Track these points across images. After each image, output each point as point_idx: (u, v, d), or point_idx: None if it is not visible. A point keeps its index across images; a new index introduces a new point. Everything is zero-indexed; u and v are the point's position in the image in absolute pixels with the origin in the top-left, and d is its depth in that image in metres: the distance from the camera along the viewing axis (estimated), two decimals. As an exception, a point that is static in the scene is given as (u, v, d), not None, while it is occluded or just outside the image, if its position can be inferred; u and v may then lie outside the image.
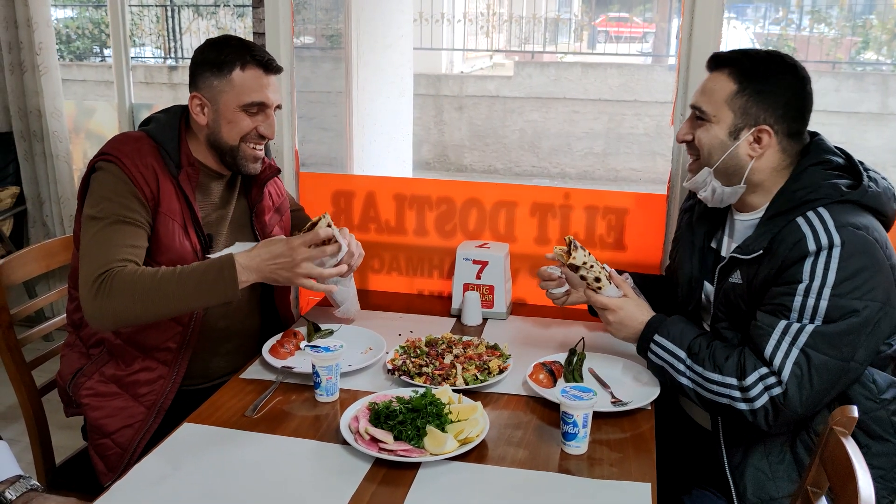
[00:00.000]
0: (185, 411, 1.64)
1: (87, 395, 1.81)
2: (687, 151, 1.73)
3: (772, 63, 1.61)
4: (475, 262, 2.18)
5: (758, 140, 1.60)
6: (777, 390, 1.47)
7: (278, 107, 1.86)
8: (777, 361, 1.48)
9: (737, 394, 1.51)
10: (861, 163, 1.62)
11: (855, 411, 1.27)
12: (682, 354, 1.60)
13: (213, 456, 1.47)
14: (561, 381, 1.75)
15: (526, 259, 2.33)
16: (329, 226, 1.77)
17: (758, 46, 9.12)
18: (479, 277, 2.17)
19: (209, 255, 1.80)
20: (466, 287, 2.18)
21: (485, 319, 2.16)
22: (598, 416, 1.57)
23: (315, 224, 1.78)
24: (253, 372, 1.81)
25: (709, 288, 1.76)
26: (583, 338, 1.95)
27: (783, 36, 8.81)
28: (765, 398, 1.48)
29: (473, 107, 9.25)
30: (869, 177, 1.58)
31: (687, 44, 2.20)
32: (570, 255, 1.72)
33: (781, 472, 1.59)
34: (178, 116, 1.86)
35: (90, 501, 1.33)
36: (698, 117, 1.66)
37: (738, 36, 9.07)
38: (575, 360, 1.80)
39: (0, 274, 1.84)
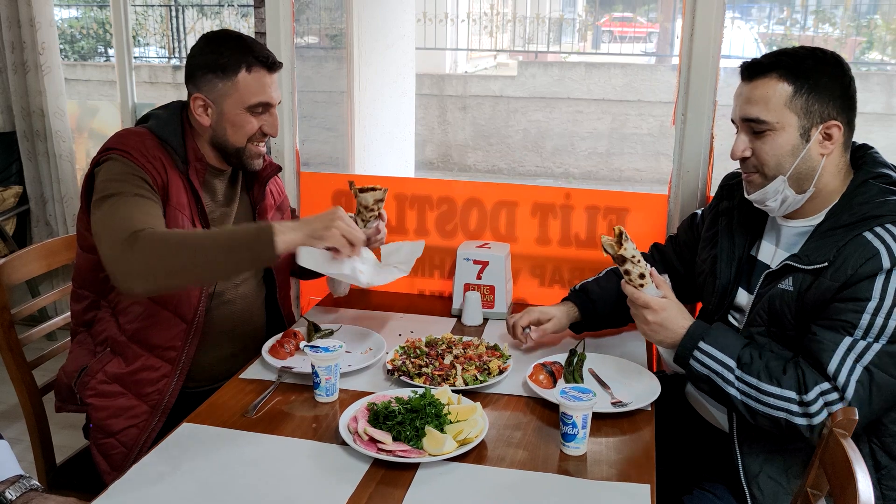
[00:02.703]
0: (190, 412, 1.64)
1: (91, 395, 1.81)
2: (741, 167, 1.65)
3: (814, 57, 1.57)
4: (476, 262, 2.18)
5: (828, 137, 1.55)
6: (839, 406, 1.43)
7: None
8: (841, 379, 1.44)
9: (796, 408, 1.46)
10: None
11: (856, 413, 1.27)
12: (732, 364, 1.53)
13: (212, 456, 1.46)
14: (561, 382, 1.74)
15: (527, 259, 2.33)
16: (380, 200, 1.89)
17: (762, 46, 9.14)
18: (479, 277, 2.17)
19: None
20: (467, 287, 2.18)
21: (485, 319, 2.16)
22: (597, 416, 1.57)
23: (370, 189, 1.88)
24: (252, 372, 1.81)
25: (741, 294, 1.72)
26: (583, 338, 1.94)
27: (787, 36, 8.79)
28: (824, 415, 1.44)
29: (477, 107, 9.25)
30: None
31: (688, 43, 2.19)
32: (622, 245, 1.62)
33: (798, 486, 1.57)
34: (178, 113, 1.85)
35: (90, 501, 1.33)
36: (756, 130, 1.58)
37: (742, 36, 9.05)
38: (575, 360, 1.80)
39: (1, 273, 1.84)
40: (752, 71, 1.59)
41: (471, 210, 2.35)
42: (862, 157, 1.62)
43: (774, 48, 1.66)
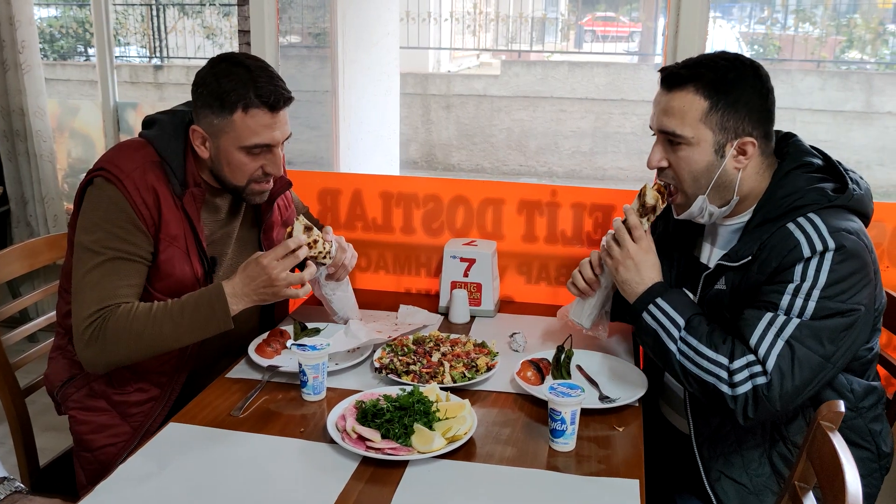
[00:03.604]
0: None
1: (74, 408, 1.78)
2: (659, 176, 1.66)
3: (735, 69, 1.55)
4: (462, 259, 2.17)
5: (742, 152, 1.56)
6: (761, 380, 1.44)
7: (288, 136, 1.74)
8: (762, 351, 1.46)
9: (724, 374, 1.47)
10: (839, 163, 1.61)
11: (842, 406, 1.27)
12: (681, 322, 1.55)
13: (200, 455, 1.45)
14: (549, 379, 1.74)
15: (513, 256, 2.33)
16: (307, 228, 1.74)
17: (743, 45, 9.21)
18: (466, 275, 2.17)
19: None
20: (454, 285, 2.18)
21: (472, 317, 2.16)
22: (585, 412, 1.57)
23: (290, 233, 1.74)
24: (239, 371, 1.79)
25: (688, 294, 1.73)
26: (570, 335, 1.94)
27: (768, 35, 8.85)
28: (748, 386, 1.45)
29: (461, 106, 9.25)
30: (851, 179, 1.57)
31: (672, 42, 2.21)
32: (641, 201, 1.66)
33: (761, 485, 1.59)
34: (183, 127, 1.74)
35: (75, 503, 1.32)
36: (672, 142, 1.59)
37: (723, 35, 9.10)
38: (563, 357, 1.80)
39: (-18, 274, 1.82)
40: (671, 81, 1.58)
41: (457, 208, 2.34)
42: (786, 148, 1.63)
43: (756, 48, 1.65)
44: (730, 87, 1.54)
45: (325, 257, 1.80)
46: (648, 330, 1.59)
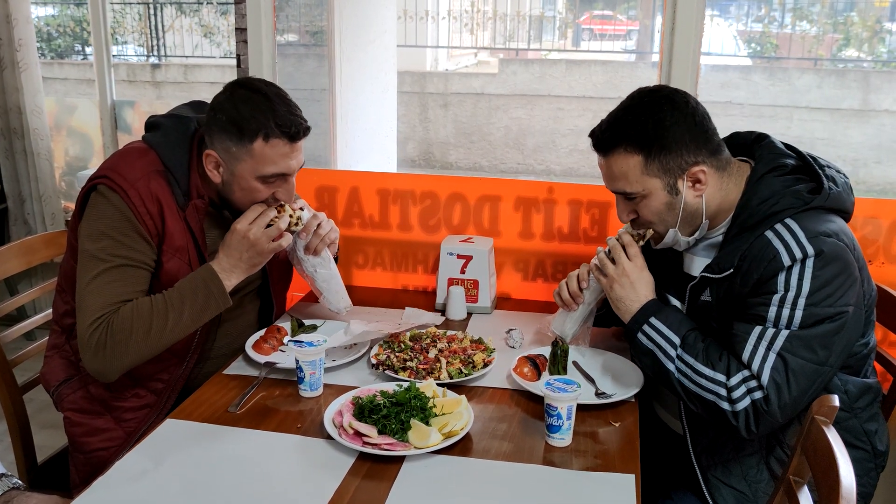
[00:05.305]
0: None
1: (69, 409, 1.78)
2: (633, 226, 1.69)
3: (651, 114, 1.56)
4: (459, 256, 2.18)
5: (696, 181, 1.57)
6: (759, 394, 1.45)
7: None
8: (755, 366, 1.47)
9: (723, 392, 1.48)
10: (815, 159, 1.59)
11: (836, 400, 1.28)
12: (677, 341, 1.56)
13: (197, 451, 1.46)
14: (545, 374, 1.75)
15: (510, 253, 2.33)
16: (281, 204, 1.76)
17: (740, 43, 9.23)
18: (463, 272, 2.18)
19: None
20: (451, 282, 2.18)
21: (469, 314, 2.16)
22: (582, 408, 1.57)
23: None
24: (236, 367, 1.80)
25: (676, 304, 1.74)
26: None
27: (766, 33, 8.86)
28: (747, 401, 1.46)
29: (458, 104, 9.25)
30: (827, 176, 1.55)
31: (669, 40, 2.21)
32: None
33: (761, 491, 1.60)
34: (188, 135, 1.74)
35: (72, 500, 1.32)
36: (629, 198, 1.62)
37: (721, 33, 9.11)
38: (559, 353, 1.81)
39: (-21, 271, 1.82)
40: (601, 147, 1.62)
41: (454, 205, 2.35)
42: (758, 151, 1.63)
43: (753, 46, 1.65)
44: (654, 134, 1.55)
45: (296, 224, 1.80)
46: (645, 350, 1.60)
